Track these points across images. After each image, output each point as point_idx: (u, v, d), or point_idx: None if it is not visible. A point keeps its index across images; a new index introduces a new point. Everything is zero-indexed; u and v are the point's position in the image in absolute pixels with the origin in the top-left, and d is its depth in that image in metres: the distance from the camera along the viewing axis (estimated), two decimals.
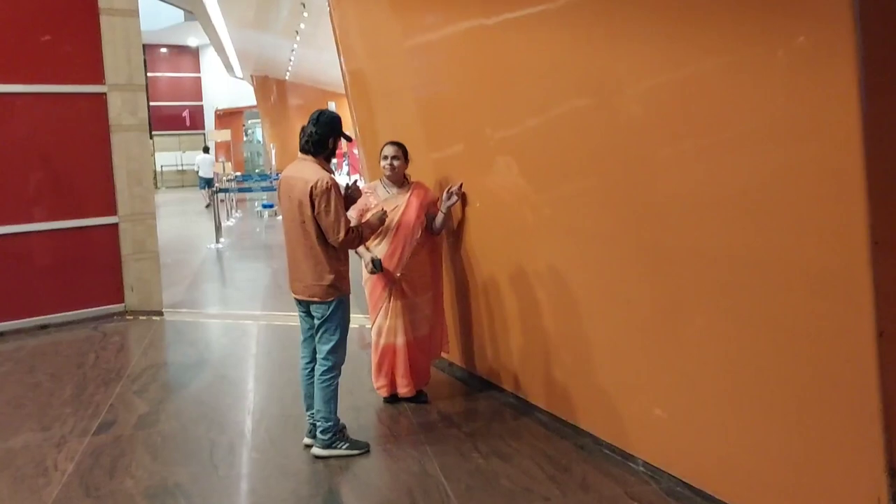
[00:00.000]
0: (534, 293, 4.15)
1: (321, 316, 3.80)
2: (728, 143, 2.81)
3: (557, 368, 4.10)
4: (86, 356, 5.81)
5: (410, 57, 5.00)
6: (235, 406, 4.69)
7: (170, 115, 29.75)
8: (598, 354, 3.75)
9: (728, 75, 2.76)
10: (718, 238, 2.92)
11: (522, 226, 4.15)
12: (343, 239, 3.67)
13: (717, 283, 2.97)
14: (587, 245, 3.69)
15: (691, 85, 2.92)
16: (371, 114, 5.83)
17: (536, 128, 3.87)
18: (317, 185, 3.63)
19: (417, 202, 4.40)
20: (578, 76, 3.47)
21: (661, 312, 3.30)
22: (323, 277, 3.73)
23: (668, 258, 3.19)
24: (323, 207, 3.64)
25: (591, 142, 3.48)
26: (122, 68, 6.90)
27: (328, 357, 3.84)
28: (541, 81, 3.74)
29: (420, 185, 4.51)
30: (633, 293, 3.43)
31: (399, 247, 4.35)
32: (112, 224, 7.01)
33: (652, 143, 3.14)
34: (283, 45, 15.65)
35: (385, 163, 4.39)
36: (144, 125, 7.15)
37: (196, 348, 6.05)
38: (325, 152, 3.82)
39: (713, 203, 2.91)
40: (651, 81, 3.11)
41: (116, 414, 4.56)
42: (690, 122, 2.95)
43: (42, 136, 6.61)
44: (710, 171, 2.90)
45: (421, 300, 4.50)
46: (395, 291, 4.42)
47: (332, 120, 3.81)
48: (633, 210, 3.32)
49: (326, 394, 3.84)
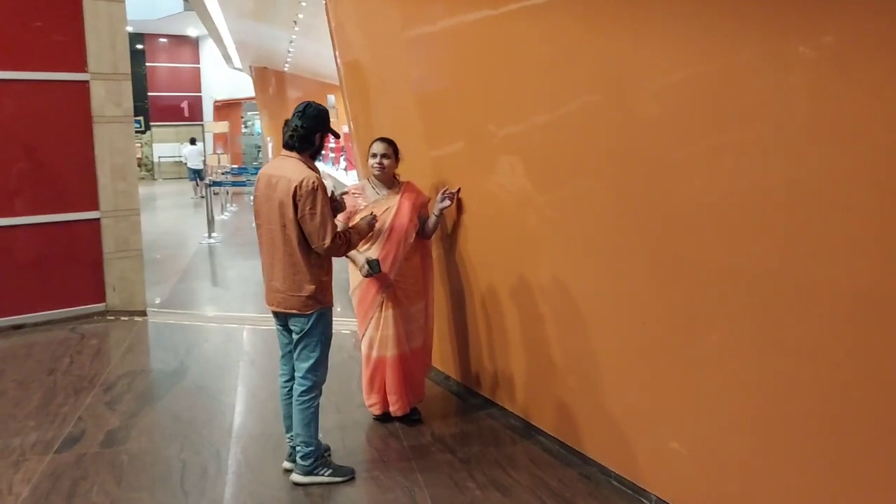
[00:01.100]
0: (537, 305, 3.80)
1: (300, 330, 3.45)
2: (756, 144, 2.46)
3: (562, 389, 3.75)
4: (59, 361, 5.46)
5: (410, 48, 4.64)
6: (213, 422, 4.34)
7: (168, 105, 29.29)
8: (607, 376, 3.41)
9: (760, 69, 2.40)
10: (744, 251, 2.57)
11: (526, 232, 3.80)
12: (330, 245, 3.32)
13: (741, 302, 2.63)
14: (596, 255, 3.34)
15: (716, 80, 2.56)
16: (367, 109, 5.47)
17: (544, 126, 3.51)
18: (301, 184, 3.28)
19: (409, 204, 4.05)
20: (591, 69, 3.12)
21: (678, 333, 2.95)
22: (302, 288, 3.38)
23: (687, 272, 2.84)
24: (308, 210, 3.29)
25: (604, 142, 3.12)
26: (106, 56, 6.53)
27: (307, 376, 3.49)
28: (549, 75, 3.38)
29: (411, 185, 4.17)
30: (647, 310, 3.08)
31: (392, 252, 4.00)
32: (93, 220, 6.63)
33: (671, 146, 2.79)
34: (281, 36, 15.25)
35: (374, 161, 4.03)
36: (130, 116, 6.76)
37: (177, 354, 5.69)
38: (311, 149, 3.47)
39: (738, 211, 2.56)
40: (672, 77, 2.75)
41: (84, 428, 4.21)
42: (715, 122, 2.60)
43: (19, 126, 6.23)
44: (735, 175, 2.55)
45: (415, 309, 4.15)
46: (387, 300, 4.06)
47: (320, 113, 3.46)
48: (649, 218, 2.97)
49: (306, 416, 3.49)
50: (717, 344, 2.78)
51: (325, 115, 3.48)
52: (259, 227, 3.50)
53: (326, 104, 12.52)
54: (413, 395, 4.25)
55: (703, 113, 2.64)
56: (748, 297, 2.59)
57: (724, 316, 2.72)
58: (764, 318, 2.55)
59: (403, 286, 4.07)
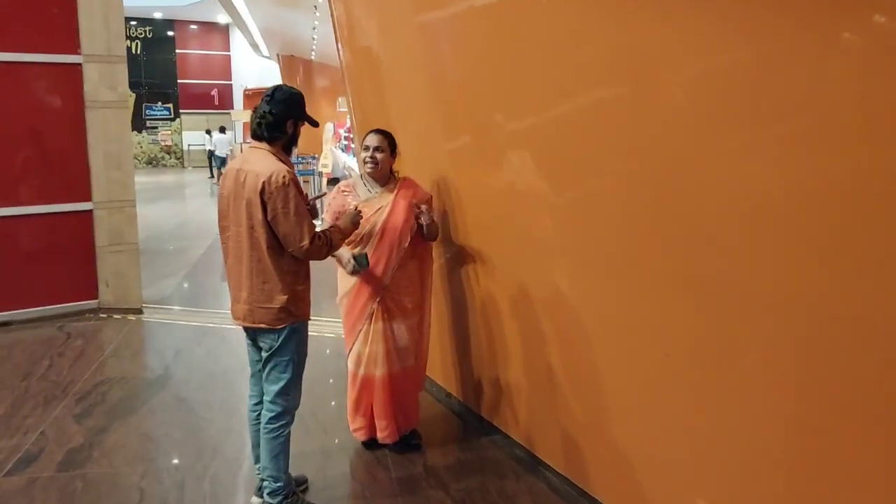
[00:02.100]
0: (540, 322, 3.29)
1: (269, 347, 2.99)
2: (798, 141, 1.90)
3: (569, 420, 3.24)
4: (38, 364, 5.09)
5: (422, 33, 4.08)
6: (186, 442, 3.91)
7: (198, 93, 29.10)
8: (621, 411, 2.88)
9: (805, 54, 1.85)
10: (784, 271, 2.03)
11: (533, 239, 3.27)
12: (308, 247, 2.86)
13: (782, 333, 2.08)
14: (609, 270, 2.81)
15: (754, 68, 2.01)
16: (371, 99, 4.97)
17: (555, 119, 2.97)
18: (270, 179, 2.81)
19: (405, 203, 3.55)
20: (609, 56, 2.57)
21: (705, 366, 2.42)
22: (272, 298, 2.92)
23: (716, 293, 2.29)
24: (280, 208, 2.82)
25: (622, 138, 2.58)
26: (100, 36, 6.12)
27: (276, 401, 3.03)
28: (561, 62, 2.84)
29: (409, 181, 3.68)
30: (667, 336, 2.55)
31: (384, 256, 3.52)
32: (86, 211, 6.25)
33: (699, 143, 2.25)
34: (304, 23, 14.80)
35: (366, 154, 3.56)
36: (125, 101, 6.36)
37: (163, 359, 5.29)
38: (283, 139, 2.99)
39: (778, 222, 2.01)
40: (700, 64, 2.20)
41: (43, 446, 3.81)
42: (751, 116, 2.05)
43: (3, 111, 5.85)
44: (774, 178, 2.00)
45: (410, 322, 3.66)
46: (378, 311, 3.58)
47: (290, 97, 2.98)
48: (671, 228, 2.42)
49: (274, 447, 3.03)
50: (751, 381, 2.24)
51: (297, 99, 3.01)
52: (224, 230, 3.05)
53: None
54: (405, 421, 3.76)
55: (728, 109, 2.09)
56: (790, 328, 2.05)
57: (759, 348, 2.18)
58: (808, 352, 2.01)
59: (397, 296, 3.58)
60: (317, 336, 5.67)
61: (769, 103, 1.98)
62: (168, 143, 28.34)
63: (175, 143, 28.26)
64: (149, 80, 27.79)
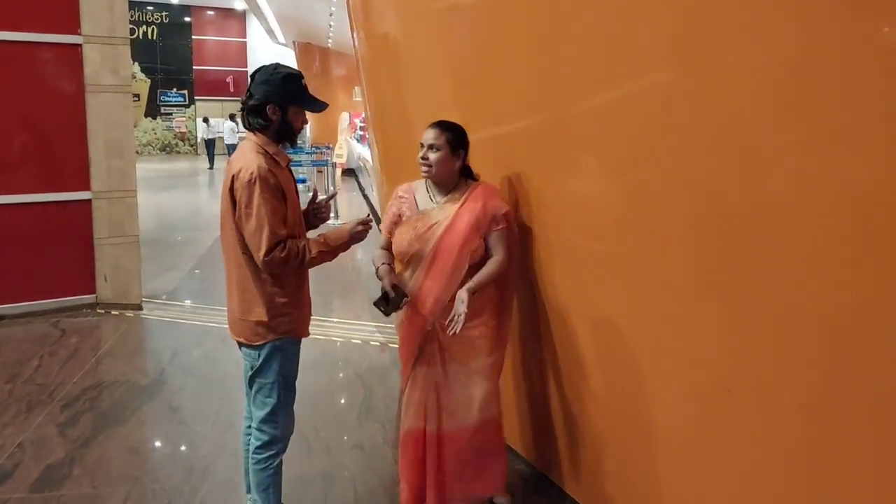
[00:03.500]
0: (614, 361, 2.85)
1: (251, 367, 2.65)
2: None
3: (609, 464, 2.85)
4: (26, 364, 4.77)
5: (445, 17, 3.68)
6: (174, 459, 3.58)
7: (214, 80, 28.80)
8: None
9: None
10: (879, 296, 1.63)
11: (576, 250, 2.87)
12: (265, 260, 2.44)
13: (879, 370, 1.69)
14: (653, 287, 2.42)
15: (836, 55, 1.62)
16: (390, 88, 4.59)
17: (599, 110, 2.58)
18: (238, 175, 2.45)
19: (470, 217, 2.74)
20: (663, 40, 2.19)
21: (782, 418, 2.03)
22: (251, 310, 2.57)
23: (783, 321, 1.90)
24: (244, 209, 2.46)
25: (675, 133, 2.19)
26: (102, 17, 5.78)
27: (262, 428, 2.68)
28: (609, 47, 2.45)
29: (483, 189, 2.84)
30: (724, 370, 2.16)
31: (434, 288, 2.76)
32: (84, 200, 5.92)
33: (767, 140, 1.85)
34: (320, 9, 14.45)
35: (419, 154, 2.81)
36: (128, 86, 6.02)
37: (160, 361, 4.95)
38: (268, 127, 2.56)
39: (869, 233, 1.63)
40: (765, 49, 1.81)
41: (20, 461, 3.48)
42: (827, 110, 1.66)
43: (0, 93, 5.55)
44: (852, 180, 1.61)
45: (476, 365, 2.83)
46: (427, 350, 2.84)
47: (271, 79, 2.53)
48: (728, 240, 2.03)
49: (262, 479, 2.69)
50: (843, 436, 1.85)
51: (280, 80, 2.53)
52: (220, 230, 2.69)
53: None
54: (463, 493, 2.93)
55: (802, 100, 1.70)
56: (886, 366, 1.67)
57: (844, 391, 1.80)
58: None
59: (452, 335, 2.67)
60: (323, 340, 5.31)
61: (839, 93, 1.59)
62: (182, 130, 28.09)
63: (189, 130, 28.00)
64: (164, 66, 27.53)
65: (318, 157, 14.19)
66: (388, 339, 5.42)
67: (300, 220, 2.65)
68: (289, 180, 2.59)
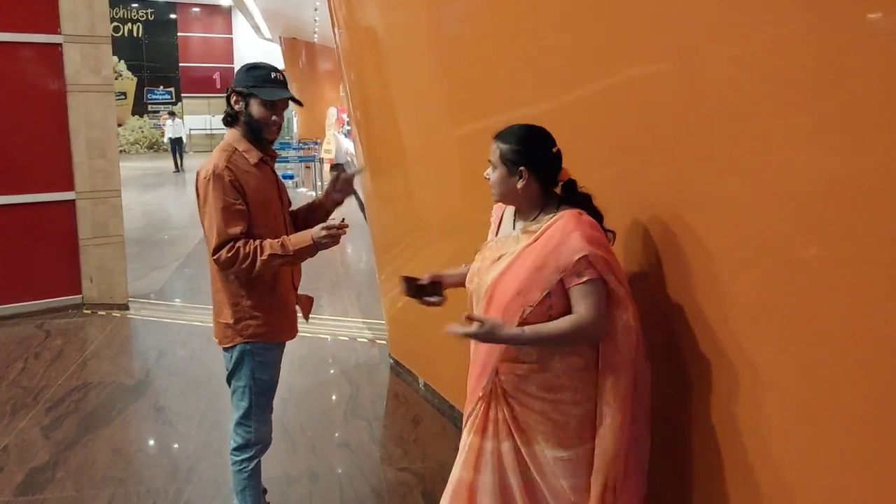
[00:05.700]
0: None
1: (226, 368, 2.66)
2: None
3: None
4: (11, 366, 4.75)
5: (429, 8, 3.66)
6: (159, 461, 3.56)
7: (200, 77, 28.60)
8: None
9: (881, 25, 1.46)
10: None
11: None
12: (214, 258, 2.41)
13: None
14: (638, 281, 2.42)
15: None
16: (375, 83, 4.55)
17: (585, 103, 2.58)
18: (200, 174, 2.46)
19: (538, 256, 1.99)
20: (649, 29, 2.18)
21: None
22: (221, 311, 2.57)
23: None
24: (201, 206, 2.47)
25: (661, 125, 2.19)
26: (82, 15, 5.73)
27: (237, 430, 2.68)
28: (591, 37, 2.45)
29: (567, 220, 2.01)
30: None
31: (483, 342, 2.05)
32: (67, 201, 5.89)
33: (751, 130, 1.85)
34: (305, 4, 14.38)
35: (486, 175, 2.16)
36: (110, 85, 5.98)
37: (145, 362, 4.94)
38: (235, 121, 2.52)
39: None
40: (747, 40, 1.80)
41: (4, 464, 3.47)
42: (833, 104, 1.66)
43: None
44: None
45: (555, 455, 2.02)
46: (481, 416, 2.09)
47: (242, 68, 2.54)
48: (712, 233, 2.04)
49: (238, 481, 2.70)
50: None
51: (245, 69, 2.52)
52: None
53: None
54: None
55: (800, 92, 1.70)
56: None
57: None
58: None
59: (525, 402, 2.03)
60: (311, 338, 5.30)
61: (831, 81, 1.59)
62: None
63: None
64: (150, 64, 27.34)
65: (306, 152, 14.16)
66: (375, 336, 5.41)
67: (275, 218, 2.58)
68: (260, 178, 2.52)
